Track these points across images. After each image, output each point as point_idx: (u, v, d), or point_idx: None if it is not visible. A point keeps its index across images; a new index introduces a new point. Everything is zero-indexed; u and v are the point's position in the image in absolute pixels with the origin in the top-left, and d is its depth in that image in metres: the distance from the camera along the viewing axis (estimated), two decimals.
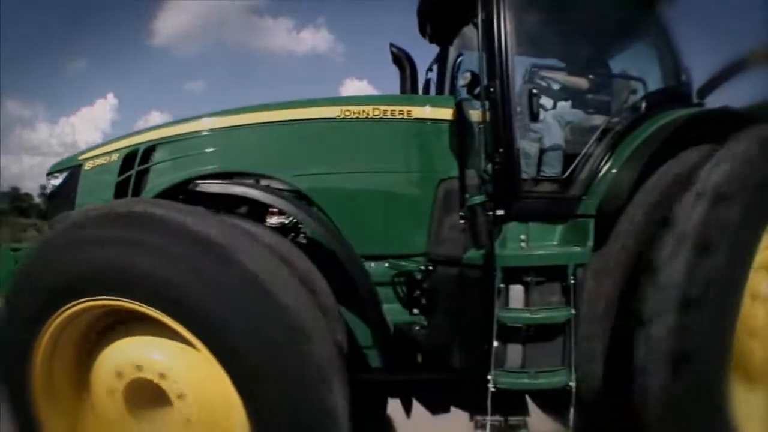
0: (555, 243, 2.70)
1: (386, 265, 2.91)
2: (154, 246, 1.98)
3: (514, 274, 2.61)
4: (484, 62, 2.67)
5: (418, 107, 2.98)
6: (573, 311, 2.49)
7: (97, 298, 2.09)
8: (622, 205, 2.59)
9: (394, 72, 3.62)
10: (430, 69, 3.72)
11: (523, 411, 3.05)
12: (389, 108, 2.94)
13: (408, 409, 3.26)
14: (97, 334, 2.30)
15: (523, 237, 2.67)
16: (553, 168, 2.87)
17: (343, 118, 2.91)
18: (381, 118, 2.93)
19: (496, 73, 2.64)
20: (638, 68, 3.25)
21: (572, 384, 2.40)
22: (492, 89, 2.62)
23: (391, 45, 3.54)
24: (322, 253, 2.70)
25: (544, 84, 3.22)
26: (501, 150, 2.63)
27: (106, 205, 2.41)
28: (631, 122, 2.83)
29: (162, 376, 2.12)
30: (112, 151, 2.94)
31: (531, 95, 2.65)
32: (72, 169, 3.02)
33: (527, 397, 2.97)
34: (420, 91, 3.64)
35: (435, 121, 2.97)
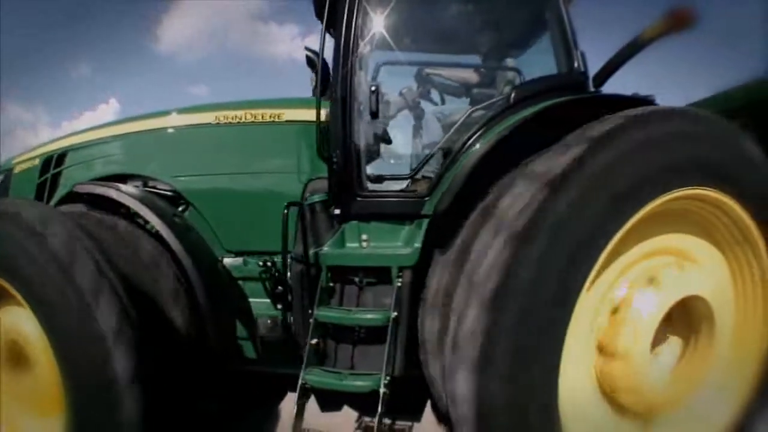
0: (399, 244, 2.62)
1: (254, 261, 3.01)
2: (10, 234, 2.36)
3: (342, 274, 2.59)
4: (319, 62, 2.69)
5: (290, 110, 3.05)
6: (394, 314, 2.41)
7: None
8: (457, 207, 2.36)
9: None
10: None
11: (415, 416, 2.99)
12: (261, 112, 3.05)
13: None
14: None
15: (364, 237, 2.63)
16: (429, 166, 2.79)
17: (218, 123, 3.07)
18: (252, 122, 3.05)
19: (338, 73, 2.65)
20: (532, 58, 3.02)
21: (382, 390, 2.29)
22: (332, 89, 2.63)
23: (306, 48, 3.63)
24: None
25: (427, 81, 3.13)
26: (338, 150, 2.64)
27: None
28: (492, 116, 2.63)
29: (28, 341, 2.44)
30: (35, 156, 3.38)
31: (371, 93, 2.60)
32: (6, 171, 3.52)
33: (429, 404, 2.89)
34: None
35: (307, 122, 3.02)
